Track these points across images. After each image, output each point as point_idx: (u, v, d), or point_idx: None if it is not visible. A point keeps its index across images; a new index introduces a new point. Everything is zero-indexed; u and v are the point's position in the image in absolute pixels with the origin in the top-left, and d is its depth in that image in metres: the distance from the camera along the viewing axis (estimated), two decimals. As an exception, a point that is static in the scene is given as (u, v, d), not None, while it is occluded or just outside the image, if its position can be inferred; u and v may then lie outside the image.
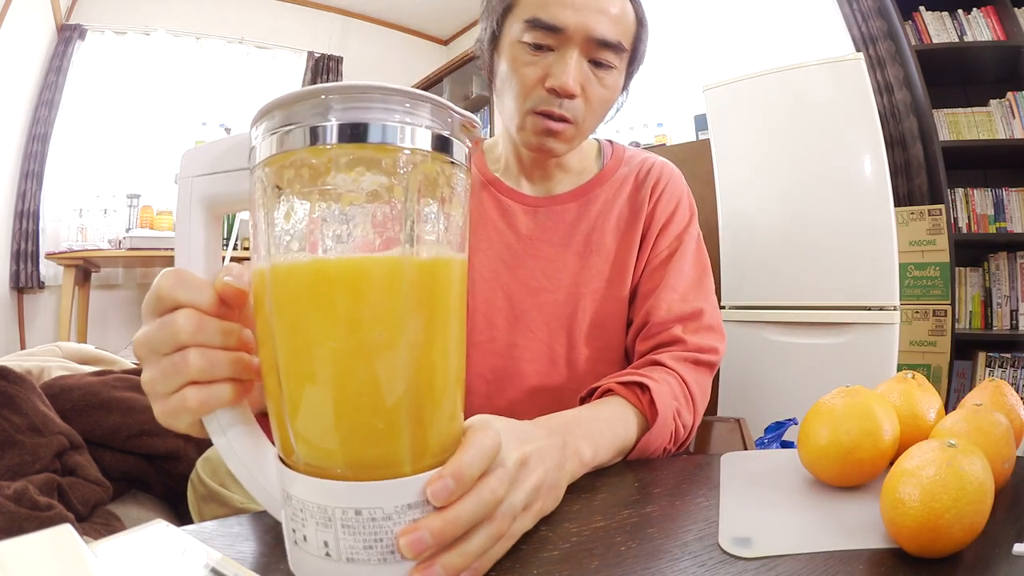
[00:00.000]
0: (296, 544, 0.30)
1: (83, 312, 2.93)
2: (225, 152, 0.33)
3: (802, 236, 1.76)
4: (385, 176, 0.28)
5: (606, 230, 0.71)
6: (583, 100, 0.62)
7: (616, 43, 0.61)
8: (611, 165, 0.74)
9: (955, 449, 0.33)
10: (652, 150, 2.49)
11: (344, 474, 0.29)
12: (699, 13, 2.75)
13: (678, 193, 0.73)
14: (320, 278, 0.28)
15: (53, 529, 0.25)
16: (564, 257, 0.70)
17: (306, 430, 0.29)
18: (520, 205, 0.72)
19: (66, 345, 1.16)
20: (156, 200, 3.07)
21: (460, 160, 0.31)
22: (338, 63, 3.65)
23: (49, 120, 2.87)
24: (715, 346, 0.65)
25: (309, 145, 0.27)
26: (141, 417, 0.88)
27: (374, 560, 0.28)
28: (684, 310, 0.65)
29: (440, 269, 0.30)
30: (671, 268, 0.68)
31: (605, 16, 0.60)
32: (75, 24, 2.99)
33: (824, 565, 0.32)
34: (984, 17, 2.14)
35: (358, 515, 0.28)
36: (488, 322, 0.69)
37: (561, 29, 0.59)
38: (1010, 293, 2.16)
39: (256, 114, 0.29)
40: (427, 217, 0.29)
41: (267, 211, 0.29)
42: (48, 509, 0.68)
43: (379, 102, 0.27)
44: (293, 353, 0.29)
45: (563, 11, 0.59)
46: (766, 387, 1.77)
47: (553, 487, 0.39)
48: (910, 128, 2.16)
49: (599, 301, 0.69)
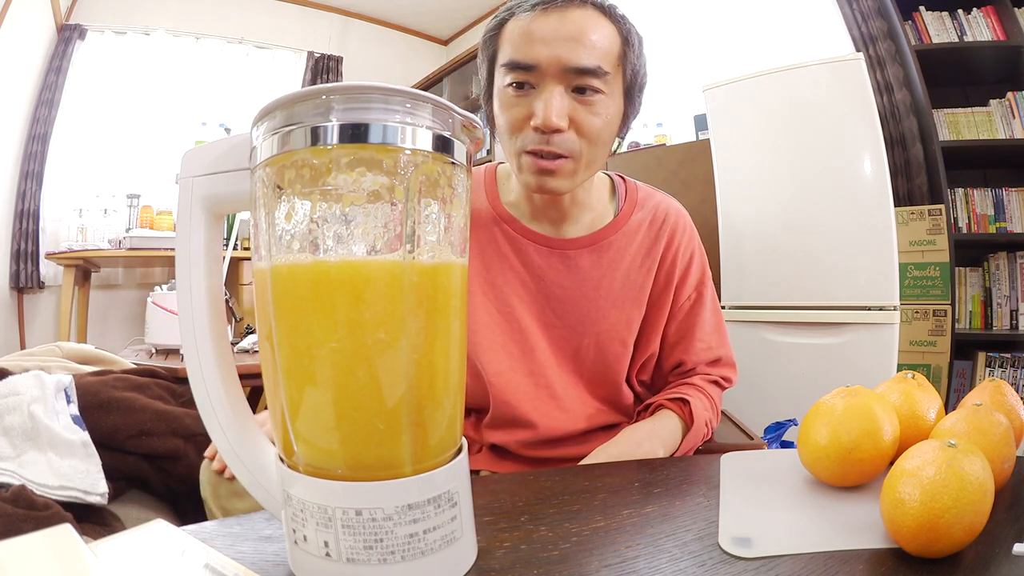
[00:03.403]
0: (296, 544, 0.30)
1: (83, 312, 2.93)
2: (226, 152, 0.33)
3: (802, 236, 1.76)
4: (386, 176, 0.28)
5: (616, 277, 0.72)
6: (575, 132, 0.61)
7: (594, 68, 0.60)
8: (626, 210, 0.74)
9: (955, 449, 0.33)
10: (652, 150, 2.50)
11: (344, 475, 0.29)
12: (699, 13, 2.75)
13: (692, 244, 0.76)
14: (321, 280, 0.28)
15: (53, 529, 0.25)
16: (574, 298, 0.72)
17: (307, 431, 0.29)
18: (533, 244, 0.72)
19: (66, 345, 1.16)
20: (156, 200, 3.07)
21: (461, 160, 0.31)
22: (338, 63, 3.65)
23: (49, 120, 2.87)
24: (730, 376, 0.80)
25: (310, 145, 0.27)
26: (141, 417, 0.88)
27: (374, 560, 0.28)
28: (709, 357, 0.76)
29: (441, 272, 0.30)
30: (696, 320, 0.75)
31: (578, 44, 0.59)
32: (75, 24, 2.99)
33: (824, 565, 0.32)
34: (984, 17, 2.14)
35: (358, 515, 0.28)
36: (507, 352, 0.72)
37: (535, 66, 0.60)
38: (1010, 293, 2.16)
39: (257, 114, 0.29)
40: (428, 218, 0.29)
41: (268, 211, 0.29)
42: (46, 509, 0.68)
43: (380, 102, 0.27)
44: (293, 353, 0.29)
45: (535, 47, 0.60)
46: (766, 387, 1.77)
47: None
48: (910, 128, 2.16)
49: (604, 343, 0.72)
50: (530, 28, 0.61)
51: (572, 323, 0.72)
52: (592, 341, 0.72)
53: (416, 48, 4.00)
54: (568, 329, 0.72)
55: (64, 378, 0.88)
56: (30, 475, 0.73)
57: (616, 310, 0.72)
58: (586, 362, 0.73)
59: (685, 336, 0.75)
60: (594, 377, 0.73)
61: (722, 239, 1.92)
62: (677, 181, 2.17)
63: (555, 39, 0.59)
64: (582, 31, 0.59)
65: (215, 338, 0.34)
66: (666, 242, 0.73)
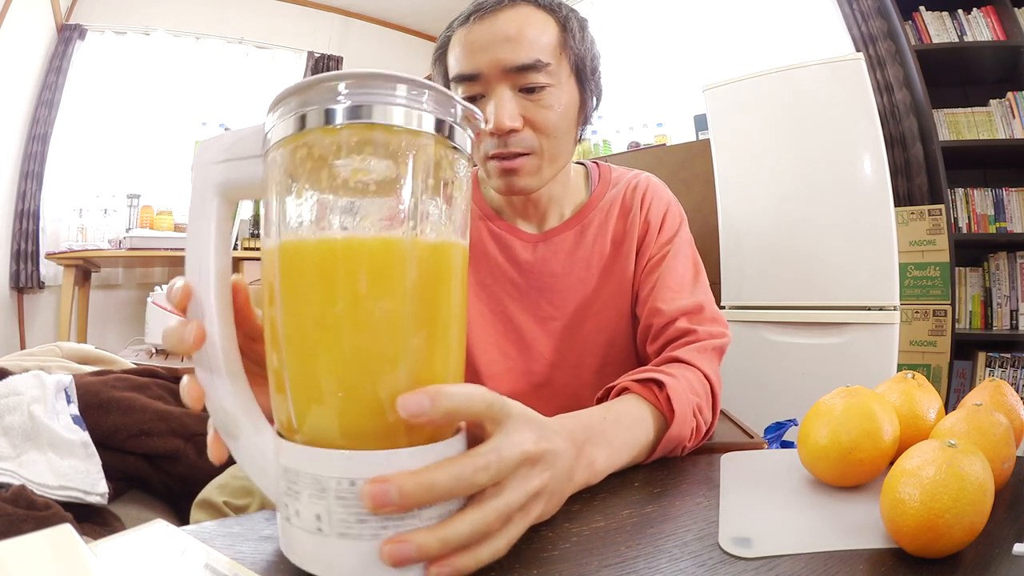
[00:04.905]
0: (288, 521, 0.30)
1: (83, 312, 2.93)
2: (240, 140, 0.34)
3: (802, 236, 1.76)
4: (391, 157, 0.29)
5: (604, 252, 0.72)
6: (531, 129, 0.62)
7: (533, 63, 0.60)
8: (599, 189, 0.75)
9: (955, 449, 0.33)
10: (652, 150, 2.50)
11: (340, 444, 0.29)
12: (699, 13, 2.75)
13: (664, 201, 0.74)
14: (326, 256, 0.29)
15: (53, 529, 0.25)
16: (566, 284, 0.71)
17: (305, 399, 0.30)
18: (519, 241, 0.73)
19: (66, 345, 1.16)
20: (156, 200, 3.07)
21: (463, 147, 0.32)
22: (338, 63, 3.64)
23: (49, 120, 2.87)
24: (723, 331, 0.65)
25: (320, 126, 0.29)
26: (141, 417, 0.88)
27: (366, 535, 0.28)
28: (685, 305, 0.65)
29: (443, 250, 0.31)
30: (665, 269, 0.68)
31: (513, 43, 0.60)
32: (75, 24, 2.99)
33: (824, 565, 0.32)
34: (984, 17, 2.14)
35: (352, 486, 0.28)
36: (502, 353, 0.71)
37: (478, 74, 0.61)
38: (1010, 293, 2.16)
39: (272, 102, 0.31)
40: (432, 198, 0.30)
41: (279, 191, 0.30)
42: (46, 509, 0.68)
43: (386, 88, 0.29)
44: (297, 325, 0.30)
45: (474, 56, 0.61)
46: (766, 387, 1.77)
47: (555, 495, 0.37)
48: (910, 128, 2.16)
49: (606, 320, 0.71)
50: (467, 39, 0.62)
51: (570, 310, 0.71)
52: (593, 324, 0.71)
53: (416, 48, 3.99)
54: (567, 318, 0.71)
55: (64, 378, 0.88)
56: (30, 475, 0.73)
57: (609, 284, 0.71)
58: (591, 349, 0.71)
59: (658, 282, 0.68)
60: (602, 366, 0.71)
61: (722, 239, 1.92)
62: (677, 181, 2.17)
63: (491, 44, 0.60)
64: (515, 30, 0.60)
65: (222, 319, 0.34)
66: (639, 204, 0.73)
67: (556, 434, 0.37)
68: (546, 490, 0.35)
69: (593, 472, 0.44)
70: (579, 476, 0.42)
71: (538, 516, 0.35)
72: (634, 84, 2.88)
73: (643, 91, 2.87)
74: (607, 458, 0.45)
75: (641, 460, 0.51)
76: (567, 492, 0.39)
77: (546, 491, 0.35)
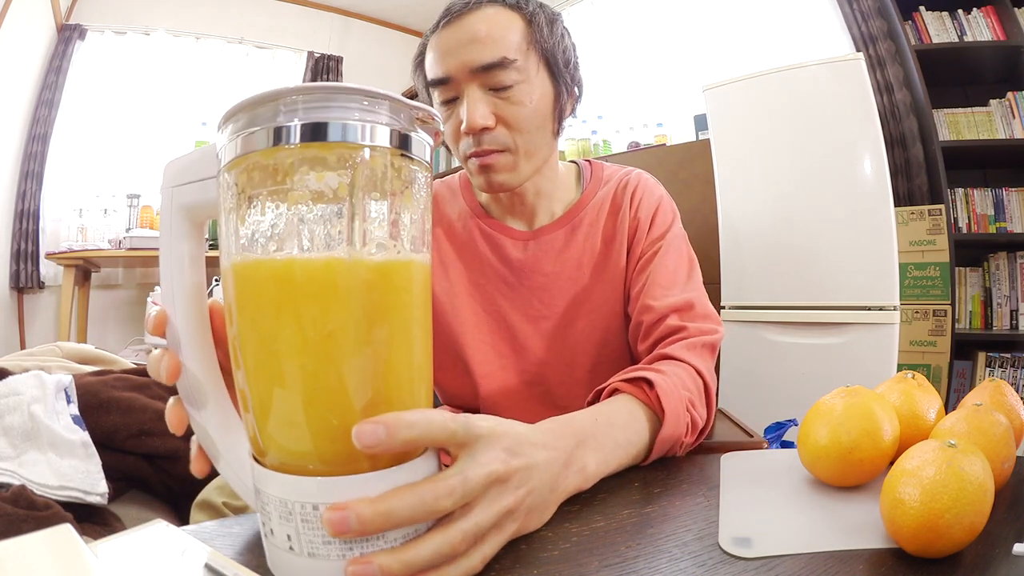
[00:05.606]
0: (266, 537, 0.31)
1: (83, 312, 2.93)
2: (198, 160, 0.34)
3: (802, 236, 1.76)
4: (336, 174, 0.28)
5: (595, 251, 0.72)
6: (503, 127, 0.63)
7: (498, 61, 0.61)
8: (591, 188, 0.75)
9: (955, 449, 0.33)
10: (652, 150, 2.50)
11: (304, 467, 0.29)
12: (699, 13, 2.75)
13: (655, 198, 0.73)
14: (269, 278, 0.29)
15: (53, 529, 0.25)
16: (557, 283, 0.72)
17: (265, 423, 0.30)
18: (510, 240, 0.73)
19: (66, 345, 1.16)
20: (156, 200, 3.07)
21: (419, 155, 0.31)
22: (338, 63, 3.64)
23: (49, 120, 2.87)
24: (715, 328, 0.64)
25: (261, 148, 0.28)
26: (141, 417, 0.88)
27: (334, 556, 0.28)
28: (675, 302, 0.64)
29: (392, 267, 0.30)
30: (656, 266, 0.68)
31: (477, 43, 0.61)
32: (75, 24, 2.98)
33: (824, 565, 0.32)
34: (984, 17, 2.14)
35: (315, 510, 0.28)
36: (496, 351, 0.71)
37: (449, 77, 0.63)
38: (1010, 293, 2.16)
39: (219, 121, 0.30)
40: (380, 214, 0.29)
41: (228, 213, 0.30)
42: (46, 509, 0.68)
43: (334, 101, 0.28)
44: (250, 349, 0.30)
45: (445, 60, 0.63)
46: (766, 387, 1.77)
47: (534, 509, 0.36)
48: (910, 128, 2.16)
49: (598, 319, 0.71)
50: (437, 44, 0.64)
51: (561, 309, 0.71)
52: (586, 323, 0.71)
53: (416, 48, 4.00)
54: (558, 317, 0.71)
55: (64, 378, 0.88)
56: (30, 475, 0.73)
57: (601, 283, 0.71)
58: (584, 348, 0.71)
59: (649, 280, 0.67)
60: (595, 365, 0.71)
61: (722, 239, 1.92)
62: (677, 181, 2.17)
63: (458, 47, 0.62)
64: (480, 30, 0.62)
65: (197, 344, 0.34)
66: (629, 201, 0.73)
67: (535, 446, 0.36)
68: (523, 506, 0.34)
69: (585, 477, 0.43)
70: (570, 482, 0.41)
71: (517, 531, 0.35)
72: (634, 84, 2.88)
73: (643, 91, 2.87)
74: (599, 462, 0.45)
75: (638, 461, 0.51)
76: (553, 502, 0.39)
77: (523, 507, 0.34)
